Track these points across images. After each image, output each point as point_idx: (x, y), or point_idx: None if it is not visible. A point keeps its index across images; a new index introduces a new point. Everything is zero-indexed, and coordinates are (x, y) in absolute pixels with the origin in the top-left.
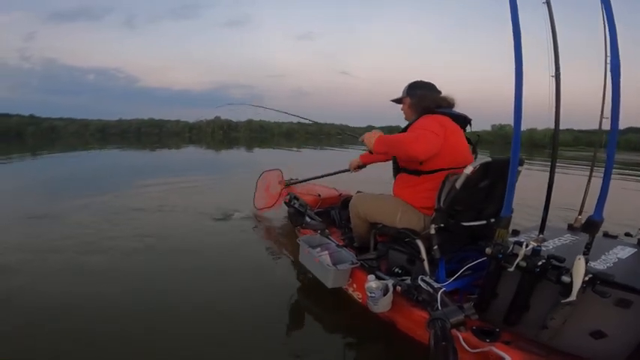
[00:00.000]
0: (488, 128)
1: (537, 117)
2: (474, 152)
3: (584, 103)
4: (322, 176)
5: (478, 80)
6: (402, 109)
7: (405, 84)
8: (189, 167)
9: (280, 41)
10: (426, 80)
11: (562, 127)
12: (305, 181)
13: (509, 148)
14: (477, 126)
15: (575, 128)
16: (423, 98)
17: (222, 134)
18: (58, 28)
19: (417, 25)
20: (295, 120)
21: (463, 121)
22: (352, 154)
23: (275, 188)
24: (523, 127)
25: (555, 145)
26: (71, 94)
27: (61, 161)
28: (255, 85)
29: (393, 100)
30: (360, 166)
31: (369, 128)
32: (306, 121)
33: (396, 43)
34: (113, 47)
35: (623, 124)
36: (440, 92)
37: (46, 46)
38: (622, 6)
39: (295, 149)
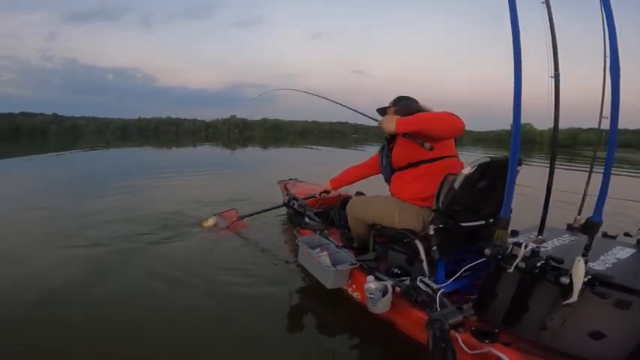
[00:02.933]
0: (508, 127)
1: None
2: None
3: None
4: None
5: (498, 78)
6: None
7: (414, 85)
8: (207, 164)
9: (292, 40)
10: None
11: (584, 125)
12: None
13: (529, 147)
14: (496, 125)
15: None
16: (407, 106)
17: (238, 133)
18: (78, 29)
19: (431, 23)
20: (310, 119)
21: None
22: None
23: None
24: (544, 127)
25: (555, 145)
26: (92, 93)
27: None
28: (269, 85)
29: (379, 110)
30: (326, 191)
31: None
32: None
33: (409, 41)
34: (130, 47)
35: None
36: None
37: (67, 46)
38: (621, 5)
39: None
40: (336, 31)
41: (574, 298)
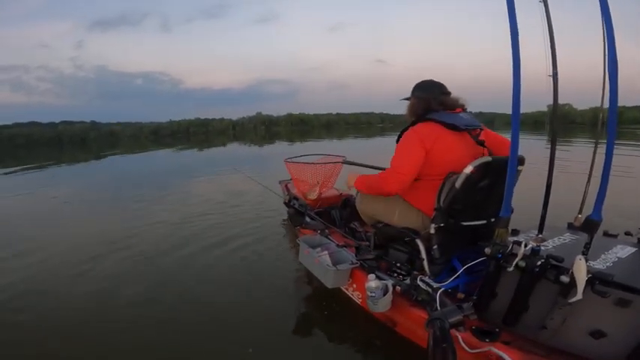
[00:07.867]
0: (544, 109)
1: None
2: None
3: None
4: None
5: (532, 58)
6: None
7: (438, 71)
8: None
9: (311, 33)
10: (436, 81)
11: (624, 103)
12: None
13: (570, 128)
14: (532, 106)
15: None
16: (416, 104)
17: (264, 129)
18: (103, 36)
19: (453, 7)
20: (334, 111)
21: (454, 127)
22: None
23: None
24: (585, 106)
25: (553, 144)
26: (125, 98)
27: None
28: (291, 80)
29: (404, 99)
30: None
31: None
32: None
33: (431, 27)
34: (154, 51)
35: None
36: (447, 93)
37: (95, 53)
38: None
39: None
40: (354, 21)
41: (579, 295)
